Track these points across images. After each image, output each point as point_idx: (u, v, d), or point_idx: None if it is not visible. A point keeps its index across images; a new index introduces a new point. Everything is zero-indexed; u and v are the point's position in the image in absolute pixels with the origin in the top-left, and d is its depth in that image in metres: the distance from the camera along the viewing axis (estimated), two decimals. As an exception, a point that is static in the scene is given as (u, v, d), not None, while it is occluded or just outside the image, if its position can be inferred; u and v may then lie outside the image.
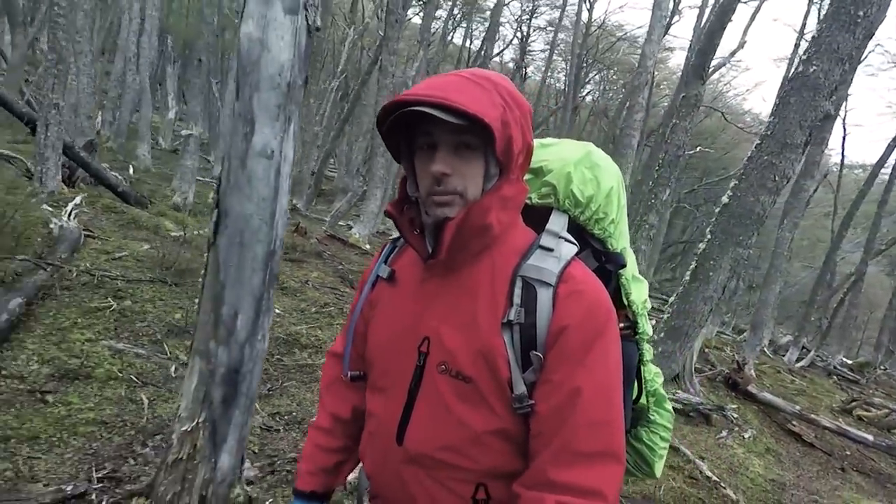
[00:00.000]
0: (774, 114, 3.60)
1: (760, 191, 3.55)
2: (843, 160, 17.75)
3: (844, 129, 17.11)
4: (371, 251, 9.65)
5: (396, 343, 0.99)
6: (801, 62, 3.47)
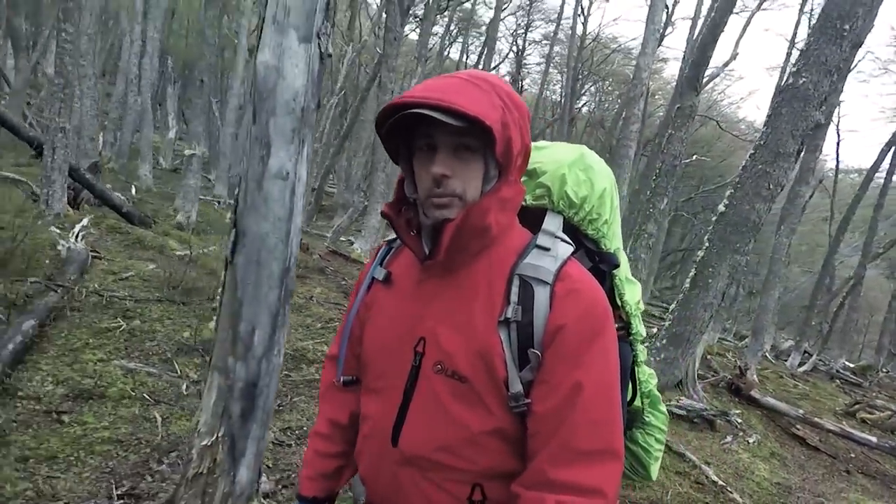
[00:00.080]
0: (767, 124, 3.71)
1: (756, 199, 3.65)
2: (839, 165, 17.93)
3: (838, 135, 17.30)
4: (373, 266, 9.68)
5: (392, 344, 0.98)
6: (791, 74, 3.58)
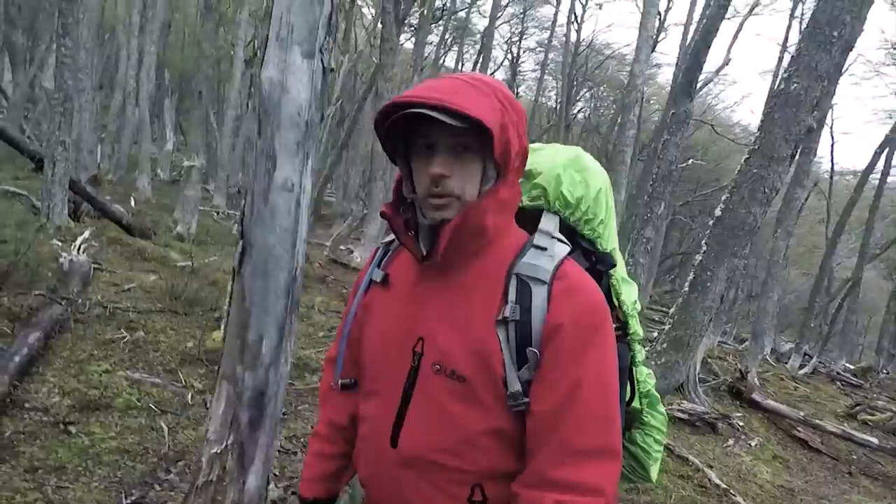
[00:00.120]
0: (761, 129, 3.78)
1: (751, 203, 3.71)
2: (833, 167, 18.04)
3: (832, 138, 17.49)
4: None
5: (390, 345, 0.98)
6: (783, 80, 3.66)
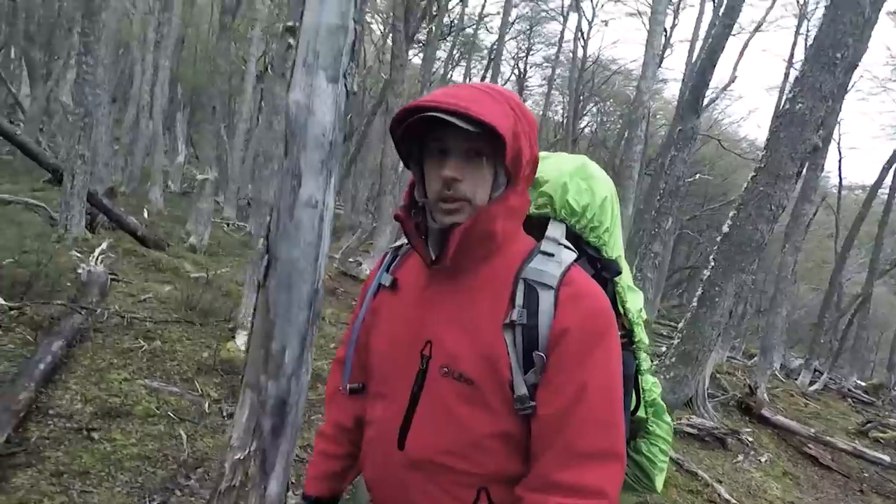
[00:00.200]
0: (766, 147, 3.86)
1: (759, 220, 3.78)
2: (841, 183, 18.02)
3: (840, 153, 17.52)
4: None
5: (398, 349, 0.99)
6: (788, 100, 3.74)
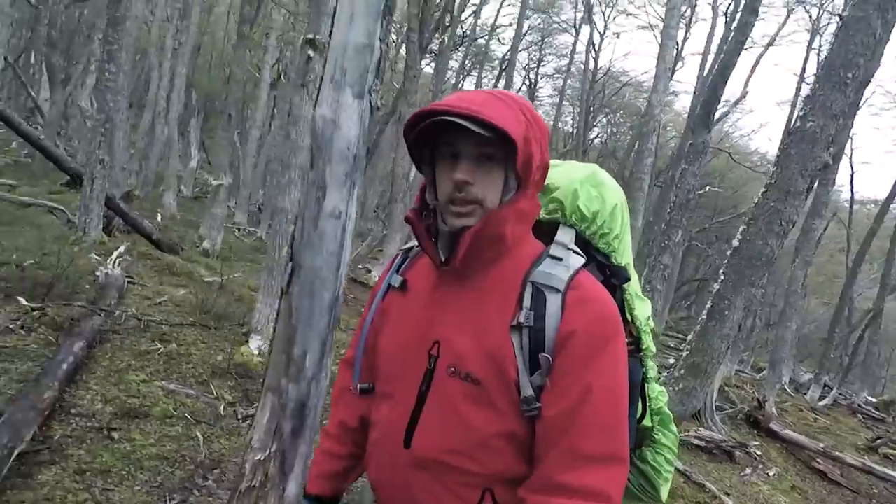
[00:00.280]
0: (777, 164, 3.90)
1: (769, 235, 3.81)
2: (853, 197, 17.92)
3: (852, 168, 17.41)
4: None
5: (407, 348, 1.00)
6: (799, 118, 3.79)
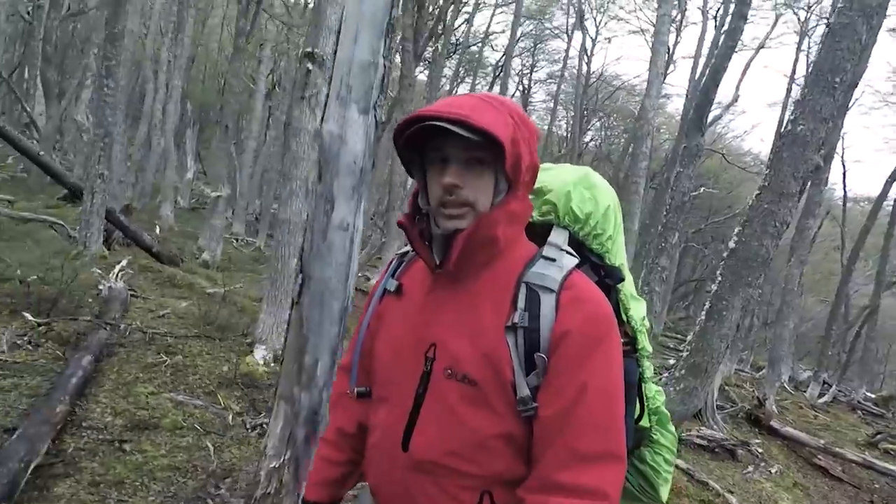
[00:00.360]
0: (770, 166, 4.00)
1: (763, 236, 3.90)
2: (846, 195, 18.07)
3: (844, 166, 17.54)
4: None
5: (403, 353, 1.01)
6: (790, 121, 3.89)
